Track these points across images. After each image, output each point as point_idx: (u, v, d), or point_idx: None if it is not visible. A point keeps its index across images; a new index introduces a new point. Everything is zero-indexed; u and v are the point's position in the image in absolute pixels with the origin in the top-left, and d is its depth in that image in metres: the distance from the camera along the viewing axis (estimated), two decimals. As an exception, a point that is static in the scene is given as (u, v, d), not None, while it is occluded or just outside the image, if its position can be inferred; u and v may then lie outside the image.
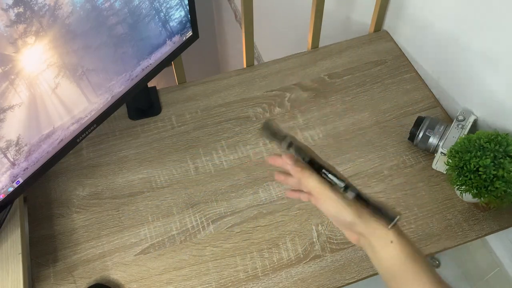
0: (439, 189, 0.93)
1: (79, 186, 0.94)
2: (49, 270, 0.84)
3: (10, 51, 0.64)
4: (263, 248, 0.87)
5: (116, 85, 0.87)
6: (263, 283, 0.83)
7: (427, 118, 0.96)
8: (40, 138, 0.76)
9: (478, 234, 0.88)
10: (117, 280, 0.83)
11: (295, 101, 1.08)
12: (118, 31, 0.81)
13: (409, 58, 1.16)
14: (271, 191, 0.94)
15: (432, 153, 0.97)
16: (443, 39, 1.03)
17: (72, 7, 0.70)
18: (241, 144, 1.01)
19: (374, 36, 1.21)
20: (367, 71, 1.13)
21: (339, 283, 0.83)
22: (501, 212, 0.90)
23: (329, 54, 1.17)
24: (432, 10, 1.04)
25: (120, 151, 0.99)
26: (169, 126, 1.04)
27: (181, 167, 0.97)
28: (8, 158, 0.72)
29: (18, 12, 0.63)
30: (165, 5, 0.87)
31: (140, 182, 0.95)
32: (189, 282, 0.83)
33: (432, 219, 0.89)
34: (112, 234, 0.88)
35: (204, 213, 0.91)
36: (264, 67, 1.14)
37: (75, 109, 0.80)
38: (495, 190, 0.78)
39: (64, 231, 0.88)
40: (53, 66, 0.72)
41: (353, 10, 1.32)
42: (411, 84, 1.11)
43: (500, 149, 0.80)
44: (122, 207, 0.91)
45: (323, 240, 0.87)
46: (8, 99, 0.67)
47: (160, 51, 0.93)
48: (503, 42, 0.87)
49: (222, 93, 1.09)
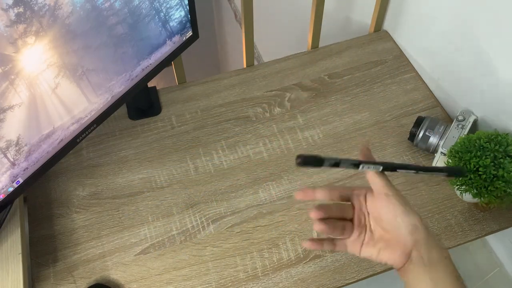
0: (439, 189, 0.93)
1: (79, 186, 0.94)
2: (49, 270, 0.84)
3: (10, 51, 0.64)
4: (263, 248, 0.87)
5: (116, 85, 0.87)
6: (263, 283, 0.83)
7: (427, 118, 0.96)
8: (40, 138, 0.76)
9: (478, 234, 0.88)
10: (117, 280, 0.83)
11: (295, 101, 1.08)
12: (118, 31, 0.81)
13: (409, 58, 1.16)
14: (271, 191, 0.94)
15: (432, 153, 0.97)
16: (443, 39, 1.03)
17: (72, 7, 0.70)
18: (241, 144, 1.01)
19: (374, 36, 1.22)
20: (367, 71, 1.13)
21: (339, 283, 0.83)
22: (501, 212, 0.90)
23: (329, 54, 1.17)
24: (432, 10, 1.04)
25: (120, 151, 0.99)
26: (169, 126, 1.04)
27: (181, 167, 0.97)
28: (8, 158, 0.72)
29: (18, 12, 0.63)
30: (165, 5, 0.87)
31: (140, 182, 0.95)
32: (189, 282, 0.83)
33: (432, 219, 0.89)
34: (112, 234, 0.88)
35: (204, 213, 0.91)
36: (264, 67, 1.14)
37: (75, 109, 0.80)
38: (495, 190, 0.78)
39: (64, 231, 0.88)
40: (53, 66, 0.72)
41: (353, 10, 1.32)
42: (411, 84, 1.11)
43: (500, 149, 0.80)
44: (122, 207, 0.91)
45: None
46: (8, 99, 0.67)
47: (160, 51, 0.93)
48: (503, 42, 0.87)
49: (222, 93, 1.09)
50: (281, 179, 0.95)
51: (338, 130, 1.03)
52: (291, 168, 0.97)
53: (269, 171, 0.96)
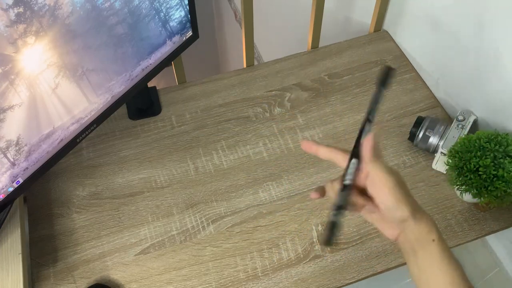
0: (439, 189, 0.93)
1: (79, 186, 0.94)
2: (49, 270, 0.84)
3: (10, 51, 0.64)
4: (263, 248, 0.87)
5: (116, 85, 0.87)
6: (263, 283, 0.83)
7: (427, 118, 0.96)
8: (40, 138, 0.76)
9: (478, 234, 0.88)
10: (117, 280, 0.83)
11: (295, 101, 1.08)
12: (118, 31, 0.81)
13: (409, 58, 1.16)
14: (271, 191, 0.94)
15: (432, 153, 0.97)
16: (443, 39, 1.03)
17: (72, 7, 0.70)
18: (241, 144, 1.01)
19: (374, 36, 1.22)
20: (367, 71, 1.13)
21: (339, 283, 0.83)
22: (501, 212, 0.90)
23: (329, 54, 1.17)
24: (432, 10, 1.04)
25: (120, 151, 0.99)
26: (169, 126, 1.04)
27: (181, 167, 0.97)
28: (8, 158, 0.72)
29: (18, 12, 0.63)
30: (165, 5, 0.87)
31: (140, 182, 0.95)
32: (189, 282, 0.83)
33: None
34: (112, 234, 0.88)
35: (204, 213, 0.91)
36: (264, 67, 1.14)
37: (75, 109, 0.80)
38: (495, 190, 0.78)
39: (64, 231, 0.88)
40: (53, 66, 0.72)
41: (353, 10, 1.32)
42: (411, 84, 1.11)
43: (500, 149, 0.80)
44: (122, 207, 0.91)
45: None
46: (8, 99, 0.67)
47: (160, 51, 0.93)
48: (503, 42, 0.87)
49: (222, 93, 1.09)
50: (281, 179, 0.95)
51: (338, 130, 1.03)
52: (291, 168, 0.97)
53: (269, 171, 0.96)
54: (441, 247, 0.57)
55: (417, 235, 0.57)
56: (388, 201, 0.57)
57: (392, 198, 0.56)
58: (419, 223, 0.57)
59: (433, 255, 0.57)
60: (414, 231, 0.57)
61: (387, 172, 0.57)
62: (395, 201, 0.56)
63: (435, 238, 0.57)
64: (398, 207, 0.56)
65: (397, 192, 0.57)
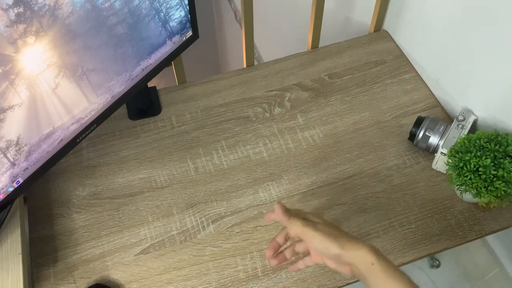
0: (439, 189, 0.93)
1: (79, 186, 0.94)
2: (49, 270, 0.84)
3: (10, 51, 0.64)
4: (263, 248, 0.87)
5: (116, 85, 0.87)
6: (263, 283, 0.83)
7: (427, 118, 0.96)
8: (40, 138, 0.76)
9: (478, 234, 0.88)
10: (117, 280, 0.83)
11: (295, 101, 1.08)
12: (118, 31, 0.81)
13: (409, 58, 1.16)
14: (271, 191, 0.94)
15: (432, 153, 0.97)
16: (443, 39, 1.03)
17: (72, 7, 0.70)
18: (241, 144, 1.01)
19: (374, 36, 1.22)
20: (367, 71, 1.13)
21: (339, 283, 0.83)
22: (501, 212, 0.90)
23: (329, 54, 1.17)
24: (432, 10, 1.04)
25: (120, 151, 0.99)
26: (169, 126, 1.04)
27: (181, 167, 0.97)
28: (8, 158, 0.72)
29: (18, 12, 0.63)
30: (165, 5, 0.87)
31: (140, 182, 0.95)
32: (189, 282, 0.83)
33: (432, 219, 0.89)
34: (112, 234, 0.88)
35: (204, 213, 0.91)
36: (264, 67, 1.14)
37: (75, 109, 0.80)
38: (495, 190, 0.78)
39: (64, 231, 0.88)
40: (53, 66, 0.72)
41: (353, 10, 1.32)
42: (411, 84, 1.11)
43: (500, 149, 0.80)
44: (122, 207, 0.91)
45: (323, 240, 0.87)
46: (8, 99, 0.67)
47: (160, 51, 0.93)
48: (504, 42, 0.87)
49: (222, 93, 1.09)
50: (281, 179, 0.95)
51: (338, 130, 1.03)
52: (291, 168, 0.97)
53: (269, 171, 0.96)
54: (382, 267, 0.60)
55: (358, 264, 0.61)
56: (315, 247, 0.64)
57: (317, 243, 0.64)
58: (355, 252, 0.62)
59: (378, 277, 0.60)
60: (355, 260, 0.62)
61: (303, 225, 0.65)
62: (319, 244, 0.64)
63: (373, 261, 0.60)
64: (326, 247, 0.63)
65: (319, 235, 0.64)
